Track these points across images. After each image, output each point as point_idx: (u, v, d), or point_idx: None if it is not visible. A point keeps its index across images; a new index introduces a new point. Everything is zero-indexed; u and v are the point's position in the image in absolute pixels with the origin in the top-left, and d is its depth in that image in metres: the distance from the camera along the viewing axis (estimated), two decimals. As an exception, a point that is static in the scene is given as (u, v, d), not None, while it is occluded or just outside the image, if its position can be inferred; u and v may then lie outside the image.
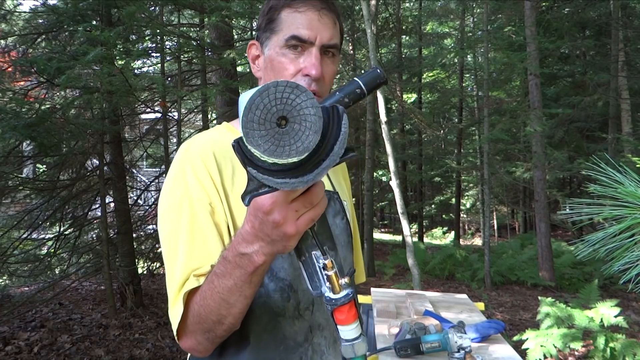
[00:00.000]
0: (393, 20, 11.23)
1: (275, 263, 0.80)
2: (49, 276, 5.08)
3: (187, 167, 0.81)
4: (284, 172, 0.49)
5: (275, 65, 0.83)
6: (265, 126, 0.47)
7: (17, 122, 3.20)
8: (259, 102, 0.46)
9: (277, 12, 0.83)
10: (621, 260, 0.77)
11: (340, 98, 0.62)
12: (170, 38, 5.13)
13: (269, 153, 0.47)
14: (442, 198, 17.25)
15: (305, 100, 0.47)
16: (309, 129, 0.47)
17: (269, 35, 0.84)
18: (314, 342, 0.84)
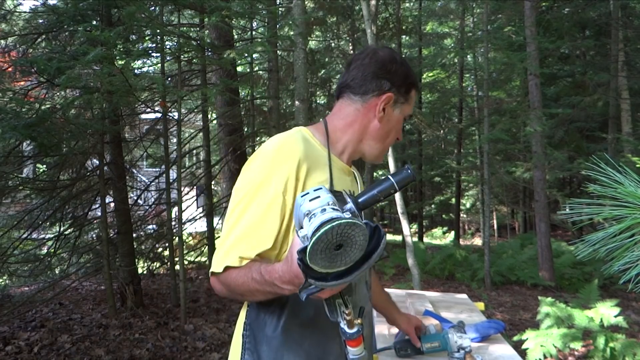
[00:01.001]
0: (393, 20, 11.23)
1: None
2: (49, 276, 5.08)
3: (276, 159, 0.99)
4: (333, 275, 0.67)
5: (398, 126, 1.14)
6: (326, 252, 0.63)
7: (17, 122, 3.20)
8: (325, 238, 0.62)
9: (412, 87, 1.13)
10: (621, 260, 0.77)
11: (376, 195, 0.78)
12: (170, 38, 5.13)
13: (325, 267, 0.65)
14: (442, 198, 17.25)
15: (358, 232, 0.63)
16: (357, 249, 0.65)
17: (403, 102, 1.13)
18: None
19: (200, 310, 4.91)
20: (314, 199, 0.68)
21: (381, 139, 1.13)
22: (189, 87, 5.83)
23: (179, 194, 4.69)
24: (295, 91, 4.85)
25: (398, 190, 0.77)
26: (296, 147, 1.01)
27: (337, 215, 0.64)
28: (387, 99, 1.09)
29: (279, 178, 0.97)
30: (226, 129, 6.90)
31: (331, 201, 0.68)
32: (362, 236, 0.64)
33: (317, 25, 9.64)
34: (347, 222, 0.62)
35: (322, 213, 0.65)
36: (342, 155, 1.13)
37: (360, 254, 0.66)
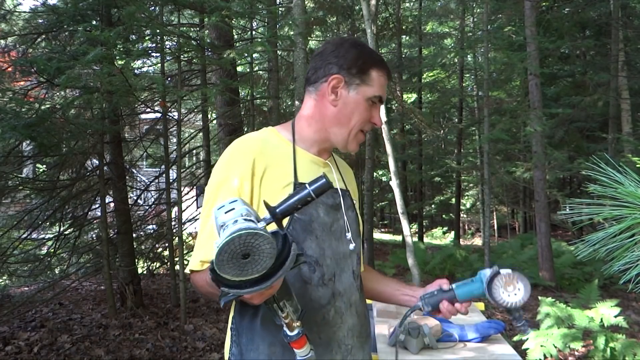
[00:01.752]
0: (393, 20, 11.23)
1: (305, 244, 1.04)
2: (49, 276, 5.08)
3: (232, 160, 1.05)
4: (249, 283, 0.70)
5: (359, 108, 1.10)
6: (233, 262, 0.66)
7: (17, 122, 3.19)
8: (227, 248, 0.65)
9: (369, 67, 1.09)
10: (621, 261, 0.77)
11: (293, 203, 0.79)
12: (170, 38, 5.13)
13: (235, 276, 0.68)
14: (442, 198, 17.25)
15: (263, 241, 0.66)
16: (266, 257, 0.67)
17: (359, 83, 1.09)
18: (336, 305, 1.07)
19: (200, 310, 4.91)
20: (229, 211, 0.71)
21: (343, 124, 1.11)
22: (189, 87, 5.83)
23: (179, 194, 4.69)
24: (295, 91, 4.84)
25: (315, 197, 0.78)
26: (251, 145, 1.06)
27: (248, 226, 0.66)
28: (335, 81, 1.09)
29: (235, 177, 1.02)
30: (226, 129, 6.90)
31: (245, 212, 0.71)
32: (268, 245, 0.66)
33: (317, 25, 9.64)
34: (248, 232, 0.64)
35: (234, 224, 0.67)
36: (312, 148, 1.14)
37: (271, 261, 0.68)
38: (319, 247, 1.05)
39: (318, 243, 1.05)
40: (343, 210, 1.13)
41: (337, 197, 1.13)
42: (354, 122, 1.10)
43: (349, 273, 1.12)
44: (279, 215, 0.78)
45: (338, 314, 1.07)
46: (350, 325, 1.10)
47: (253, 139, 1.10)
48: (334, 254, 1.08)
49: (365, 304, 1.21)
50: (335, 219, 1.11)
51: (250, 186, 1.02)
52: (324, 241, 1.06)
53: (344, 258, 1.11)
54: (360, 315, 1.16)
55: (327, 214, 1.08)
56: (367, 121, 1.12)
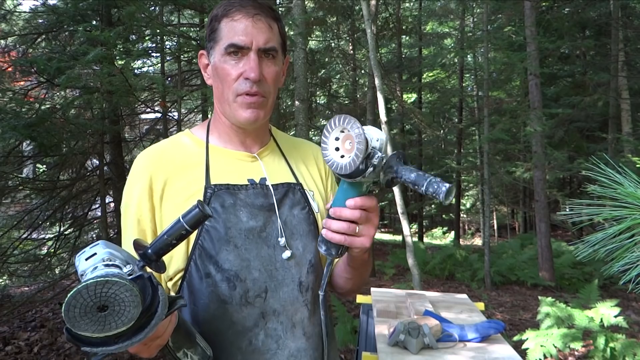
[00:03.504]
0: (393, 20, 11.23)
1: (220, 255, 0.88)
2: (49, 276, 5.08)
3: (130, 180, 0.93)
4: (120, 337, 0.60)
5: (219, 73, 0.92)
6: (88, 316, 0.56)
7: (17, 122, 3.20)
8: (75, 302, 0.55)
9: (217, 22, 0.91)
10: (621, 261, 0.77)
11: (167, 239, 0.68)
12: (170, 38, 5.13)
13: (97, 332, 0.57)
14: (442, 198, 17.23)
15: (119, 288, 0.56)
16: (129, 306, 0.57)
17: (212, 45, 0.92)
18: (268, 327, 0.90)
19: (200, 310, 4.91)
20: (90, 257, 0.62)
21: (220, 99, 0.94)
22: (189, 87, 5.83)
23: (179, 194, 4.68)
24: (295, 91, 4.85)
25: (190, 230, 0.68)
26: (148, 160, 0.93)
27: (105, 273, 0.58)
28: (202, 58, 0.97)
29: (133, 201, 0.91)
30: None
31: (107, 257, 0.62)
32: (127, 292, 0.57)
33: (317, 25, 9.64)
34: (97, 281, 0.55)
35: (92, 272, 0.59)
36: (231, 143, 0.98)
37: (137, 310, 0.58)
38: (239, 259, 0.88)
39: (238, 253, 0.88)
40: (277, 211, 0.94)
41: (277, 193, 0.95)
42: (226, 91, 0.92)
43: (291, 286, 0.92)
44: (151, 255, 0.67)
45: (271, 337, 0.89)
46: (293, 350, 0.91)
47: (152, 151, 0.96)
48: (266, 264, 0.90)
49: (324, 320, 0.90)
50: (269, 221, 0.93)
51: (149, 207, 0.90)
52: (249, 250, 0.89)
53: (282, 268, 0.92)
54: (312, 337, 0.94)
55: (252, 217, 0.91)
56: (236, 80, 0.90)
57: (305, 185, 1.02)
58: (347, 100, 11.88)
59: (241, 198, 0.92)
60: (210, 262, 0.88)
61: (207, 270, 0.88)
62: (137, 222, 0.90)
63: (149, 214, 0.90)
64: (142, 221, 0.90)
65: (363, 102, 10.37)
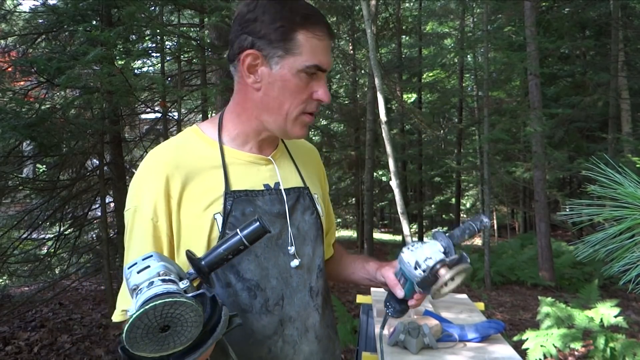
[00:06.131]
0: (393, 20, 11.23)
1: (242, 265, 0.86)
2: (49, 276, 5.08)
3: (142, 180, 0.87)
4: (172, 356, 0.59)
5: (289, 87, 0.85)
6: (149, 337, 0.54)
7: (17, 122, 3.20)
8: (139, 324, 0.53)
9: (292, 32, 0.83)
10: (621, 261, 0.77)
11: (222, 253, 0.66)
12: (170, 38, 5.13)
13: (155, 352, 0.56)
14: (442, 198, 17.24)
15: (185, 309, 0.55)
16: (190, 327, 0.56)
17: (282, 54, 0.83)
18: (285, 333, 0.90)
19: (200, 310, 4.91)
20: (142, 270, 0.59)
21: (274, 110, 0.87)
22: (189, 87, 5.83)
23: (179, 194, 4.68)
24: (295, 91, 4.84)
25: (249, 245, 0.67)
26: (163, 159, 0.87)
27: (165, 289, 0.55)
28: (250, 58, 0.85)
29: (147, 204, 0.83)
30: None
31: (162, 271, 0.59)
32: (192, 312, 0.55)
33: (317, 25, 9.62)
34: (165, 302, 0.53)
35: (149, 288, 0.56)
36: (248, 144, 0.93)
37: (198, 330, 0.57)
38: (260, 268, 0.87)
39: (259, 263, 0.87)
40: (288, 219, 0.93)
41: (290, 199, 0.94)
42: (287, 105, 0.86)
43: (304, 292, 0.93)
44: (205, 269, 0.66)
45: (288, 343, 0.90)
46: (307, 354, 0.93)
47: (165, 151, 0.89)
48: (282, 272, 0.90)
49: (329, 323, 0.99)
50: (284, 228, 0.92)
51: (166, 212, 0.84)
52: (268, 259, 0.88)
53: (295, 275, 0.92)
54: (322, 340, 0.96)
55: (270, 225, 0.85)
56: (305, 100, 0.87)
57: (311, 189, 1.01)
58: (347, 100, 11.87)
59: (259, 205, 0.89)
60: (231, 271, 0.86)
61: (227, 280, 0.86)
62: (152, 227, 0.83)
63: (166, 219, 0.84)
64: (159, 227, 0.84)
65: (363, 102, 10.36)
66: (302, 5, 0.85)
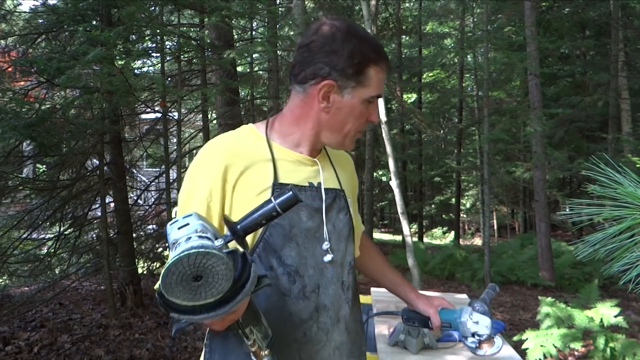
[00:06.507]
0: (393, 20, 11.23)
1: (284, 251, 0.94)
2: (49, 276, 5.08)
3: (202, 165, 0.96)
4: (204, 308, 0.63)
5: (355, 113, 0.98)
6: (183, 284, 0.59)
7: (17, 122, 3.20)
8: (175, 270, 0.58)
9: (366, 67, 0.96)
10: (621, 261, 0.77)
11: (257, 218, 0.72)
12: (170, 38, 5.13)
13: (187, 300, 0.61)
14: (442, 198, 17.25)
15: (216, 262, 0.59)
16: (221, 279, 0.60)
17: (354, 85, 0.96)
18: (320, 320, 0.97)
19: (200, 310, 4.91)
20: (182, 226, 0.65)
21: (337, 130, 1.00)
22: (189, 87, 5.83)
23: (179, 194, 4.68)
24: (295, 91, 4.83)
25: (280, 212, 0.72)
26: (223, 148, 0.97)
27: (201, 244, 0.60)
28: (327, 87, 0.95)
29: (204, 186, 0.93)
30: (226, 129, 6.89)
31: (200, 228, 0.64)
32: (223, 266, 0.59)
33: (317, 25, 9.62)
34: (198, 251, 0.58)
35: (187, 242, 0.61)
36: (299, 147, 1.02)
37: (228, 284, 0.61)
38: (299, 256, 0.95)
39: (299, 251, 0.95)
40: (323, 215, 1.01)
41: (328, 198, 1.03)
42: (348, 127, 1.00)
43: (337, 284, 1.01)
44: (240, 232, 0.70)
45: (322, 330, 0.97)
46: (337, 343, 1.00)
47: (225, 140, 0.99)
48: (319, 262, 0.98)
49: (358, 318, 1.09)
50: (321, 223, 1.01)
51: (221, 195, 0.93)
52: (307, 249, 0.96)
53: (330, 267, 1.00)
54: (351, 332, 1.04)
55: (310, 218, 0.98)
56: (363, 123, 1.01)
57: (346, 192, 1.11)
58: (347, 100, 11.85)
59: (302, 199, 0.96)
60: (274, 256, 0.94)
61: (270, 264, 0.94)
62: (207, 207, 0.92)
63: (220, 200, 0.93)
64: (212, 207, 0.93)
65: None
66: (373, 41, 0.99)
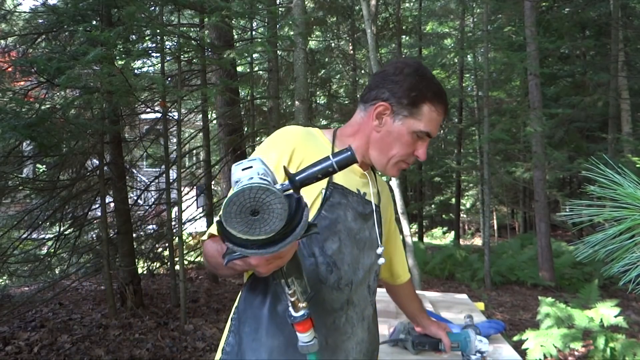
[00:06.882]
0: (393, 20, 11.23)
1: (327, 243, 1.01)
2: (49, 276, 5.08)
3: (275, 142, 1.04)
4: (256, 244, 0.66)
5: (402, 140, 1.07)
6: (241, 216, 0.62)
7: (17, 122, 3.19)
8: (236, 200, 0.61)
9: (421, 101, 1.06)
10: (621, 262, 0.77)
11: (315, 172, 0.76)
12: (170, 38, 5.13)
13: (242, 233, 0.64)
14: (442, 198, 17.24)
15: (274, 199, 0.62)
16: (276, 218, 0.63)
17: (406, 114, 1.06)
18: (349, 313, 1.04)
19: (200, 310, 4.91)
20: (247, 168, 0.68)
21: (383, 151, 1.09)
22: (189, 87, 5.82)
23: (179, 194, 4.69)
24: (295, 91, 4.85)
25: (337, 170, 0.76)
26: (295, 135, 1.05)
27: (263, 183, 0.62)
28: (382, 108, 1.07)
29: (273, 157, 1.00)
30: (226, 129, 6.90)
31: (262, 172, 0.67)
32: (279, 204, 0.62)
33: (317, 25, 9.64)
34: (259, 186, 0.61)
35: (249, 181, 0.64)
36: None
37: (281, 223, 0.64)
38: (339, 250, 1.02)
39: (340, 246, 1.02)
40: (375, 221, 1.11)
41: (368, 208, 1.11)
42: (393, 152, 1.08)
43: (364, 286, 1.09)
44: (297, 183, 0.74)
45: (349, 323, 1.04)
46: (360, 339, 1.07)
47: (299, 129, 1.08)
48: (353, 262, 1.05)
49: (376, 322, 1.18)
50: (362, 228, 1.09)
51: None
52: (346, 246, 1.04)
53: (362, 270, 1.08)
54: (372, 333, 1.12)
55: (354, 220, 1.06)
56: (409, 154, 1.09)
57: (383, 210, 1.20)
58: (347, 101, 11.87)
59: (350, 201, 1.07)
60: (317, 245, 1.00)
61: (312, 251, 1.00)
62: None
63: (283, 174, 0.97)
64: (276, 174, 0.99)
65: (363, 102, 10.34)
66: (435, 84, 1.08)
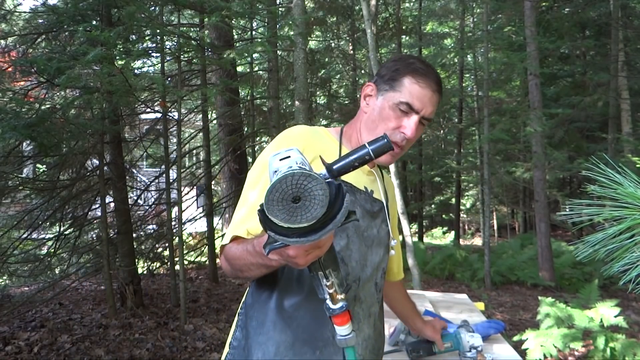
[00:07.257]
0: (393, 20, 11.23)
1: (335, 239, 0.98)
2: (49, 276, 5.08)
3: (281, 144, 1.03)
4: (297, 233, 0.64)
5: (383, 114, 1.07)
6: (283, 203, 0.61)
7: (17, 122, 3.20)
8: (279, 187, 0.61)
9: (401, 76, 1.06)
10: (621, 261, 0.77)
11: (352, 161, 0.76)
12: (170, 38, 5.13)
13: (284, 221, 0.62)
14: (442, 198, 17.24)
15: (316, 185, 0.61)
16: (317, 205, 0.62)
17: (387, 89, 1.07)
18: (355, 309, 1.03)
19: (200, 310, 4.91)
20: (285, 158, 0.68)
21: (370, 130, 1.09)
22: (189, 87, 5.83)
23: (179, 194, 4.69)
24: (295, 91, 4.85)
25: (373, 157, 0.76)
26: (301, 135, 1.05)
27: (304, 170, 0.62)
28: (369, 88, 1.11)
29: None
30: (226, 129, 6.91)
31: (300, 161, 0.67)
32: (321, 190, 0.62)
33: (317, 25, 9.64)
34: (301, 172, 0.60)
35: (289, 169, 0.63)
36: None
37: (322, 210, 0.63)
38: (347, 247, 1.02)
39: (348, 243, 1.02)
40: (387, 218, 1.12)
41: (376, 206, 1.11)
42: (379, 129, 1.07)
43: (371, 283, 1.09)
44: (335, 172, 0.74)
45: (356, 318, 1.04)
46: (366, 335, 1.07)
47: (305, 128, 1.08)
48: (361, 259, 1.05)
49: (382, 320, 1.17)
50: (370, 226, 1.09)
51: None
52: (354, 243, 1.04)
53: (370, 267, 1.08)
54: (377, 330, 1.12)
55: (362, 217, 1.06)
56: (394, 130, 1.06)
57: (390, 207, 1.21)
58: (347, 101, 11.87)
59: (358, 199, 1.06)
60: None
61: None
62: None
63: None
64: None
65: (363, 102, 10.34)
66: (420, 62, 1.08)
